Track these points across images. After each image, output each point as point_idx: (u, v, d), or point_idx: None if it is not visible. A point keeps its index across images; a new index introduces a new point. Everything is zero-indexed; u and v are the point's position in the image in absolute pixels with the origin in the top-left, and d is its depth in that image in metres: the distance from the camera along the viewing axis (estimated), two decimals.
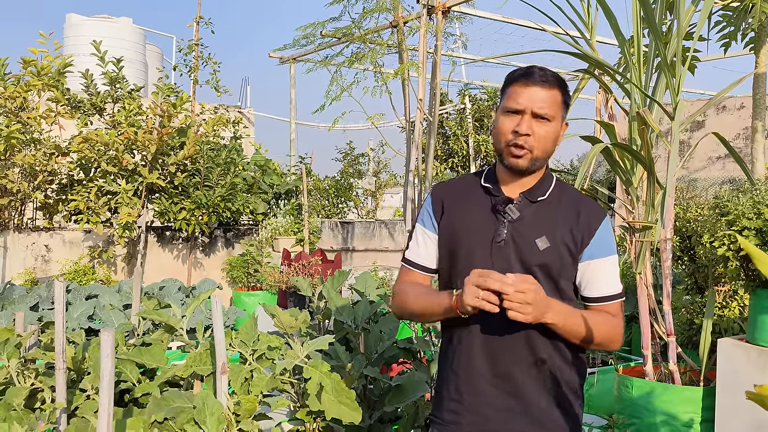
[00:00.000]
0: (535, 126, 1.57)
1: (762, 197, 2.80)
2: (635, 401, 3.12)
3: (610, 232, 1.64)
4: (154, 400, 2.09)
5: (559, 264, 1.59)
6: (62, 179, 7.63)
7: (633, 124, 3.13)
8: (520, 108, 1.57)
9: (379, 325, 3.09)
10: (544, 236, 1.59)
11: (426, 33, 6.41)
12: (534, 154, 1.58)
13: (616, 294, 1.64)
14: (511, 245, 1.59)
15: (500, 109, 1.62)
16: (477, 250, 1.62)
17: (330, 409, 2.20)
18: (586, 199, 1.66)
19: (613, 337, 1.62)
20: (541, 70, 1.59)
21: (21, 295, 5.66)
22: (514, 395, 1.61)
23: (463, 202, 1.69)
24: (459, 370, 1.65)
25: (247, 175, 8.71)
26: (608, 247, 1.62)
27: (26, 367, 2.43)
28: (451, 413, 1.66)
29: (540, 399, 1.61)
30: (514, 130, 1.57)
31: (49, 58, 7.54)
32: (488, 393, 1.62)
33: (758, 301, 2.86)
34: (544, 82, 1.57)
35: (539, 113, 1.56)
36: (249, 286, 8.17)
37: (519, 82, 1.58)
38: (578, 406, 1.67)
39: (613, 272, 1.64)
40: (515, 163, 1.59)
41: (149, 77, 14.08)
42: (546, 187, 1.65)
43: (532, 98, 1.56)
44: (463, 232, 1.65)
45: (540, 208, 1.63)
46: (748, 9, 3.45)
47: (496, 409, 1.61)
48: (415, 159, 6.70)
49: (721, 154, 9.33)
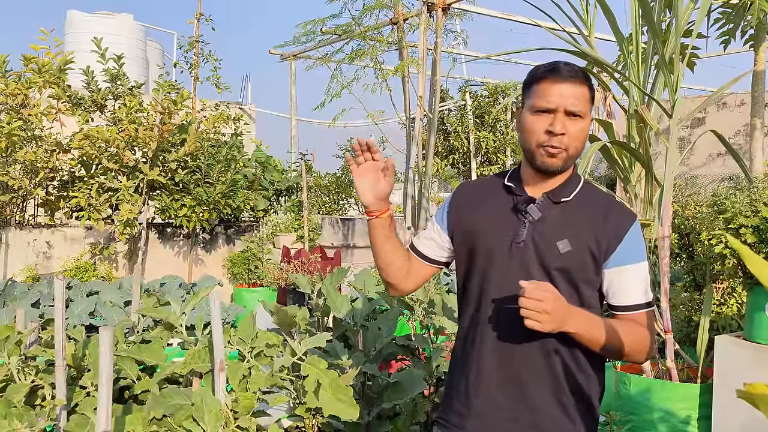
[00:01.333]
0: (568, 124, 1.49)
1: (759, 195, 2.81)
2: (633, 398, 3.13)
3: (640, 237, 1.56)
4: (153, 397, 2.11)
5: (581, 269, 1.52)
6: (63, 176, 7.64)
7: (631, 121, 3.13)
8: (551, 107, 1.49)
9: (378, 322, 3.10)
10: (566, 239, 1.51)
11: (426, 30, 6.41)
12: (569, 153, 1.51)
13: (646, 303, 1.55)
14: (530, 246, 1.53)
15: (528, 108, 1.53)
16: (496, 250, 1.56)
17: (328, 405, 2.21)
18: (614, 202, 1.58)
19: (641, 348, 1.53)
20: (566, 65, 1.52)
21: (22, 292, 5.68)
22: (524, 405, 1.53)
23: (484, 201, 1.64)
24: (469, 373, 1.59)
25: (247, 172, 8.73)
26: (638, 253, 1.54)
27: (27, 364, 2.45)
28: (457, 416, 1.61)
29: (552, 411, 1.53)
30: (548, 130, 1.49)
31: (50, 55, 7.55)
32: (497, 400, 1.55)
33: (755, 299, 2.87)
34: (573, 78, 1.50)
35: (572, 110, 1.49)
36: (250, 283, 8.19)
37: (547, 79, 1.50)
38: (592, 422, 1.58)
39: (643, 279, 1.55)
40: (551, 163, 1.52)
41: (150, 74, 14.09)
42: (571, 189, 1.57)
43: (564, 95, 1.49)
44: (482, 232, 1.60)
45: (564, 209, 1.56)
46: (747, 6, 3.45)
47: (503, 418, 1.54)
48: (415, 156, 6.70)
49: (721, 151, 9.32)
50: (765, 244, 2.78)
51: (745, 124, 9.45)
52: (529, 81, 1.56)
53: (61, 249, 7.58)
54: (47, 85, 7.39)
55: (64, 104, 7.53)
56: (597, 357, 1.57)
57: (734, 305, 3.67)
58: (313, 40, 7.67)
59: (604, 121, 3.23)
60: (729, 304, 3.69)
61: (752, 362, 2.81)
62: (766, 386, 0.93)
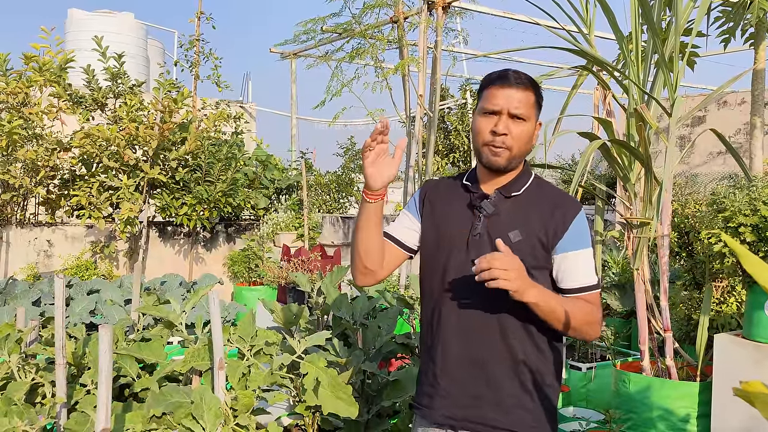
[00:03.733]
0: (511, 126, 1.64)
1: (758, 194, 2.81)
2: (632, 396, 3.13)
3: (584, 225, 1.70)
4: (152, 395, 2.12)
5: (532, 256, 1.64)
6: (64, 174, 7.65)
7: (631, 120, 3.13)
8: (497, 109, 1.64)
9: (378, 321, 3.11)
10: (517, 230, 1.66)
11: (426, 29, 6.41)
12: (512, 152, 1.66)
13: (592, 285, 1.68)
14: (486, 239, 1.67)
15: (478, 111, 1.69)
16: (455, 243, 1.71)
17: (327, 403, 2.22)
18: (562, 194, 1.73)
19: (591, 322, 1.65)
20: (515, 73, 1.67)
21: (23, 290, 5.68)
22: (485, 382, 1.66)
23: (446, 198, 1.80)
24: (435, 356, 1.72)
25: (248, 170, 8.73)
26: (582, 239, 1.68)
27: (27, 362, 2.45)
28: (426, 397, 1.74)
29: (512, 388, 1.65)
30: (492, 130, 1.65)
31: (50, 54, 7.55)
32: (462, 378, 1.68)
33: (755, 298, 2.87)
34: (519, 84, 1.65)
35: (515, 113, 1.64)
36: (250, 281, 8.19)
37: (495, 85, 1.66)
38: (553, 395, 1.71)
39: (589, 264, 1.68)
40: (494, 161, 1.67)
41: (151, 72, 14.09)
42: (522, 184, 1.72)
43: (509, 99, 1.64)
44: (443, 227, 1.75)
45: (515, 203, 1.70)
46: (747, 5, 3.45)
47: (468, 395, 1.67)
48: (415, 154, 6.70)
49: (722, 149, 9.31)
50: (764, 243, 2.78)
51: (746, 122, 9.44)
52: (482, 86, 1.72)
53: (62, 247, 7.59)
54: (48, 84, 7.40)
55: (65, 103, 7.54)
56: (552, 335, 1.70)
57: (734, 304, 3.67)
58: (313, 38, 7.67)
59: (603, 120, 3.23)
60: (728, 303, 3.69)
61: (751, 361, 2.81)
62: (762, 384, 0.94)
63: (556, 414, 1.72)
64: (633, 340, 4.76)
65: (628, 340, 4.84)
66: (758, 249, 2.78)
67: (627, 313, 4.98)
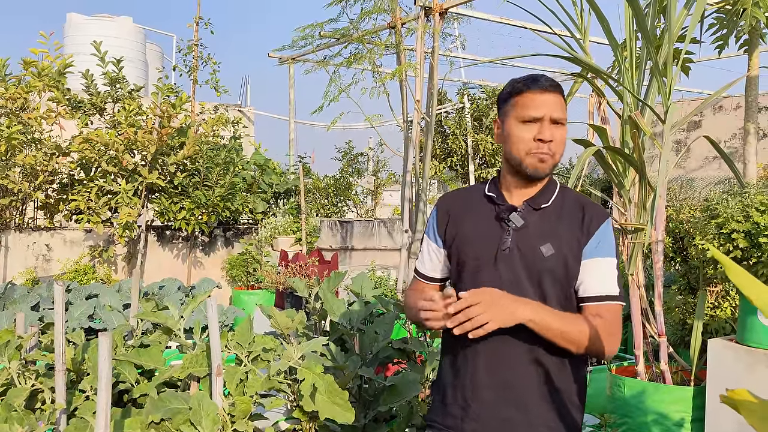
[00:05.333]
0: (555, 131, 1.59)
1: (751, 200, 2.84)
2: (627, 401, 3.16)
3: (610, 234, 1.63)
4: (151, 401, 2.14)
5: (564, 269, 1.59)
6: (63, 179, 7.67)
7: (625, 127, 3.16)
8: (539, 115, 1.57)
9: (375, 326, 3.13)
10: (549, 243, 1.59)
11: (423, 34, 6.44)
12: (555, 158, 1.61)
13: (609, 296, 1.60)
14: (516, 253, 1.60)
15: (514, 119, 1.61)
16: (483, 259, 1.63)
17: (323, 409, 2.24)
18: (588, 203, 1.67)
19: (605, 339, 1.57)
20: (544, 77, 1.61)
21: (22, 294, 5.70)
22: (515, 405, 1.60)
23: (468, 212, 1.72)
24: (464, 377, 1.65)
25: (246, 175, 8.75)
26: (606, 247, 1.61)
27: (27, 369, 2.48)
28: (453, 419, 1.66)
29: (540, 408, 1.61)
30: (538, 138, 1.58)
31: (49, 59, 7.57)
32: (492, 401, 1.62)
33: (748, 303, 2.89)
34: (554, 88, 1.60)
35: (556, 118, 1.58)
36: (248, 285, 8.21)
37: (531, 90, 1.59)
38: (577, 414, 1.67)
39: (611, 274, 1.60)
40: (541, 168, 1.60)
41: (149, 76, 14.11)
42: (550, 194, 1.66)
43: (548, 104, 1.58)
44: (469, 242, 1.67)
45: (544, 215, 1.63)
46: (740, 13, 3.48)
47: (498, 418, 1.61)
48: (412, 158, 6.73)
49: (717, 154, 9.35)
50: (756, 249, 2.81)
51: (741, 127, 9.48)
52: (511, 93, 1.63)
53: (61, 252, 7.60)
54: (47, 89, 7.42)
55: (64, 108, 7.56)
56: (576, 358, 1.64)
57: (728, 308, 3.70)
58: (311, 43, 7.70)
59: (598, 127, 3.26)
60: (723, 308, 3.72)
61: (745, 365, 2.83)
62: (748, 392, 0.96)
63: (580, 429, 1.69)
64: (628, 344, 4.78)
65: (623, 344, 4.86)
66: (751, 255, 2.81)
67: (623, 317, 5.00)
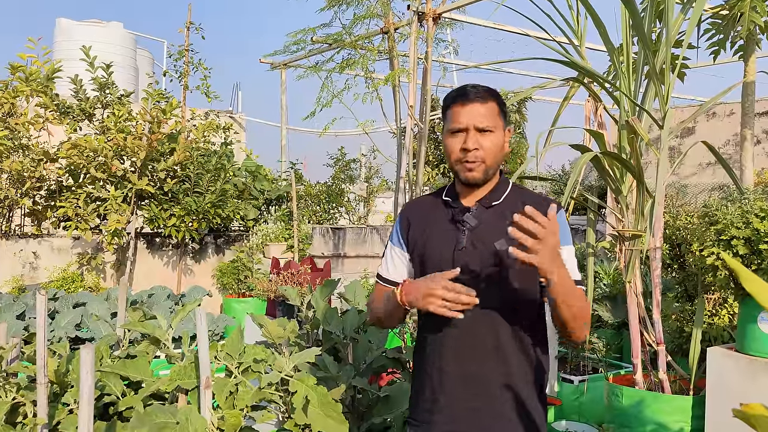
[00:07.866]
0: (480, 139, 1.68)
1: (750, 206, 2.80)
2: (625, 410, 3.10)
3: (564, 223, 1.71)
4: (137, 415, 2.06)
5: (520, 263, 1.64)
6: (51, 185, 7.56)
7: (622, 132, 3.12)
8: (462, 126, 1.68)
9: (368, 335, 3.07)
10: (503, 239, 1.65)
11: (416, 39, 6.40)
12: (486, 164, 1.70)
13: (576, 280, 1.68)
14: (471, 251, 1.70)
15: (446, 132, 1.73)
16: (443, 260, 1.72)
17: (316, 422, 2.17)
18: (541, 198, 1.77)
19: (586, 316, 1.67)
20: (473, 87, 1.71)
21: (7, 303, 5.59)
22: (482, 395, 1.70)
23: (428, 216, 1.82)
24: (432, 371, 1.75)
25: (237, 181, 8.67)
26: (564, 237, 1.67)
27: (8, 381, 2.39)
28: (425, 413, 1.77)
29: (506, 397, 1.69)
30: (463, 148, 1.69)
31: (37, 64, 7.48)
32: (459, 394, 1.71)
33: (747, 311, 2.85)
34: (479, 98, 1.69)
35: (481, 127, 1.68)
36: (239, 293, 8.11)
37: (457, 103, 1.70)
38: (542, 403, 1.76)
39: (571, 261, 1.69)
40: (471, 176, 1.71)
41: (140, 82, 14.01)
42: (501, 193, 1.76)
43: (472, 115, 1.68)
44: (429, 245, 1.77)
45: (496, 212, 1.73)
46: (737, 18, 3.45)
47: (465, 408, 1.71)
48: (405, 165, 6.68)
49: (711, 160, 9.36)
50: (756, 256, 2.77)
51: (735, 133, 9.50)
52: (444, 107, 1.75)
53: (48, 259, 7.49)
54: (35, 94, 7.32)
55: (52, 113, 7.46)
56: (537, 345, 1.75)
57: (726, 316, 3.66)
58: (303, 49, 7.64)
59: (595, 132, 3.22)
60: (720, 315, 3.68)
61: (745, 374, 2.79)
62: (762, 407, 0.91)
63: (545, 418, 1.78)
64: (624, 352, 4.73)
65: (620, 352, 4.82)
66: (751, 262, 2.77)
67: (618, 324, 4.96)
